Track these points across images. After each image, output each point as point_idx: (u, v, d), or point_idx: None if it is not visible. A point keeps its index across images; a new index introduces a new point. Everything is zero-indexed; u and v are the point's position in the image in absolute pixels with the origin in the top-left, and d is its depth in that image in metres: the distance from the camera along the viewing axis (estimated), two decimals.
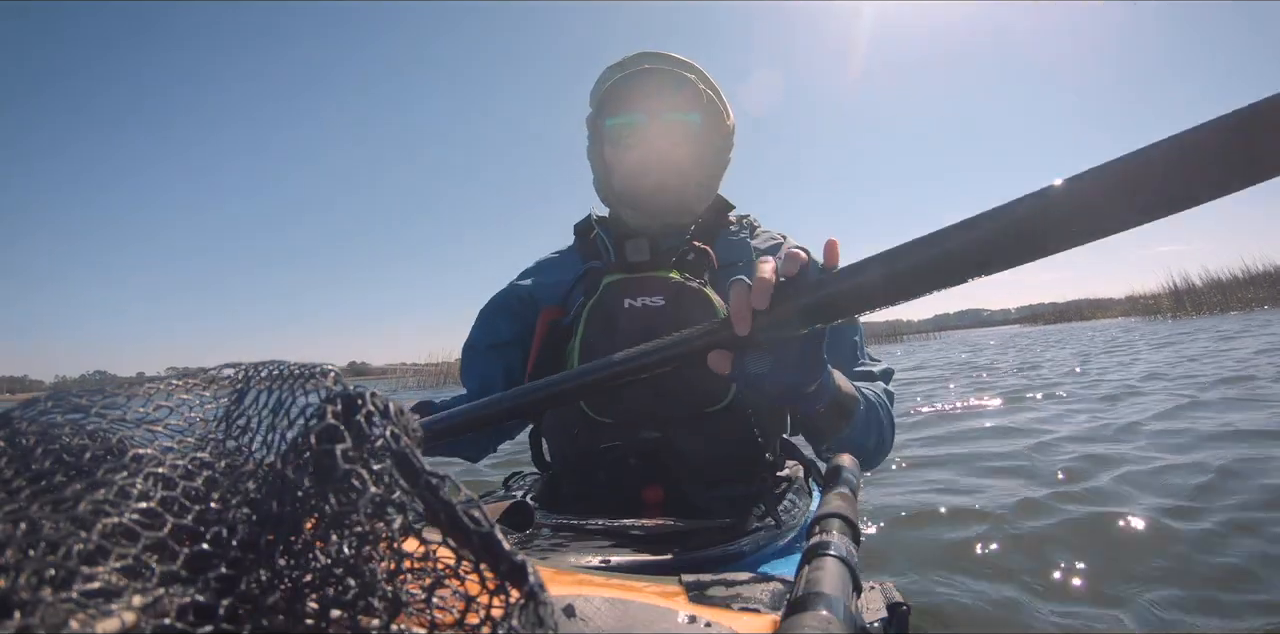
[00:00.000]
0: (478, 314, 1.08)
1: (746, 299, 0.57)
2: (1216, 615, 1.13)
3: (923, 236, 0.51)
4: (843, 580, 0.35)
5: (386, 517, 0.22)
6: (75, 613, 0.17)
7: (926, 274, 0.52)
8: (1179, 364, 5.37)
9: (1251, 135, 0.42)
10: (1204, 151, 0.43)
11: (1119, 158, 0.45)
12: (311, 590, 0.21)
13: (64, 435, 0.25)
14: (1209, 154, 0.43)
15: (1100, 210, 0.46)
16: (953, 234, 0.49)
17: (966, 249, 0.49)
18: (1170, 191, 0.44)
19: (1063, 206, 0.46)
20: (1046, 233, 0.47)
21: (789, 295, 0.56)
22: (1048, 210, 0.47)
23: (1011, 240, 0.48)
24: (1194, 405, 3.28)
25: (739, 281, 0.58)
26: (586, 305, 0.89)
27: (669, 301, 0.86)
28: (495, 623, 0.22)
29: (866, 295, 0.54)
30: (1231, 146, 0.42)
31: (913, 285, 0.52)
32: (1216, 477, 1.89)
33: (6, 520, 0.19)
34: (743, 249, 0.97)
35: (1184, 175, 0.44)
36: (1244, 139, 0.42)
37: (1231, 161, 0.43)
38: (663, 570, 0.56)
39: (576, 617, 0.31)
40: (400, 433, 0.24)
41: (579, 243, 1.04)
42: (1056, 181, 0.46)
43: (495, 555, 0.23)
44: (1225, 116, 0.43)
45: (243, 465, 0.26)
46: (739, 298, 0.58)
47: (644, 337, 0.86)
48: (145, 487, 0.22)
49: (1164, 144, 0.44)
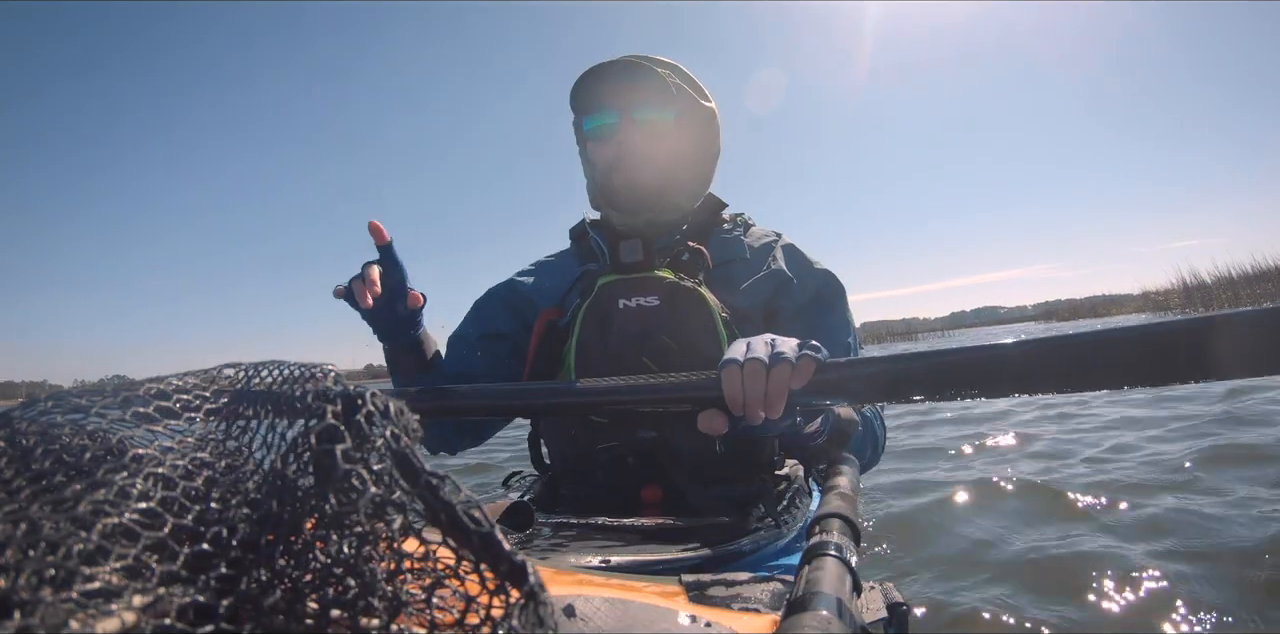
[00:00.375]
0: (472, 306, 1.08)
1: (758, 403, 0.59)
2: (1218, 615, 1.13)
3: (921, 352, 0.60)
4: (843, 580, 0.35)
5: (386, 517, 0.22)
6: (75, 613, 0.17)
7: (910, 385, 0.60)
8: None
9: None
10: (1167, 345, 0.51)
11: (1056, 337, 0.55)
12: (311, 590, 0.21)
13: (64, 435, 0.25)
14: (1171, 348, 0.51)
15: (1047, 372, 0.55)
16: (946, 356, 0.58)
17: (956, 370, 0.57)
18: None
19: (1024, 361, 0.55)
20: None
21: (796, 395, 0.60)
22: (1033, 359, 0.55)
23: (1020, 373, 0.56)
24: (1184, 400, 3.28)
25: (754, 381, 0.59)
26: (582, 307, 0.90)
27: (664, 301, 0.86)
28: (495, 623, 0.22)
29: (860, 392, 0.61)
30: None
31: (901, 391, 0.60)
32: (1217, 477, 1.89)
33: (6, 520, 0.19)
34: (737, 247, 0.98)
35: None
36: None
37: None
38: (663, 570, 0.56)
39: (576, 617, 0.31)
40: (400, 433, 0.24)
41: (575, 246, 1.05)
42: (1008, 341, 0.56)
43: (495, 555, 0.23)
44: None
45: (243, 465, 0.26)
46: (755, 397, 0.59)
47: (639, 337, 0.87)
48: (145, 487, 0.22)
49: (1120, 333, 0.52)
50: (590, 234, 1.00)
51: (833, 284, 0.98)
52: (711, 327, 0.85)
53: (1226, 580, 1.25)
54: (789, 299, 0.94)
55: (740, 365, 0.60)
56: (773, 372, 0.59)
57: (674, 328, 0.85)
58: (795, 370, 0.58)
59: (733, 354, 0.62)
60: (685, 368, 0.84)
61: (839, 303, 0.97)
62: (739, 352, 0.62)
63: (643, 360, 0.85)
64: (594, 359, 0.88)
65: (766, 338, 0.64)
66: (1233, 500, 1.69)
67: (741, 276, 0.94)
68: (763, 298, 0.93)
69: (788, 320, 0.93)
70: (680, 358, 0.85)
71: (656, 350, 0.85)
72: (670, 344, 0.85)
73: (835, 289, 0.97)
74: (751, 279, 0.94)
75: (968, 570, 1.42)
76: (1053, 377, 0.55)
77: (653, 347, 0.85)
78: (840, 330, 0.95)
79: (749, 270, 0.95)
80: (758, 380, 0.59)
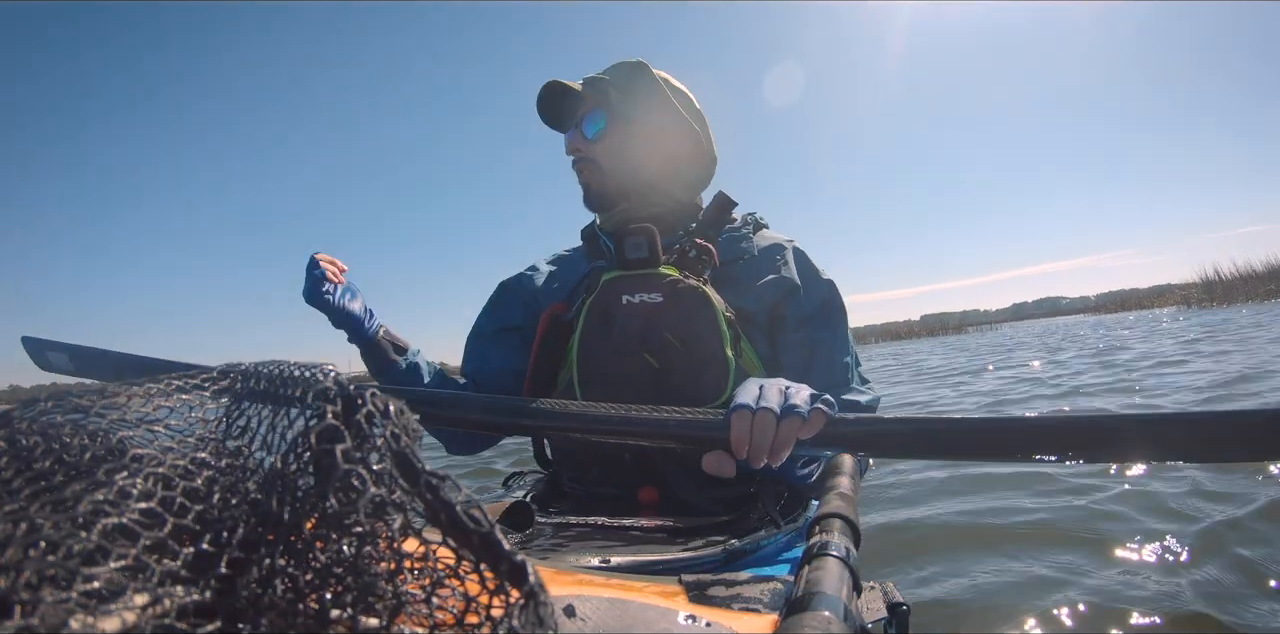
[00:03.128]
0: (487, 301, 1.11)
1: (764, 452, 0.60)
2: (1220, 615, 1.13)
3: (937, 418, 0.63)
4: (843, 580, 0.35)
5: (386, 517, 0.22)
6: (75, 613, 0.17)
7: (914, 446, 0.64)
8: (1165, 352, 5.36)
9: None
10: None
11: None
12: (311, 590, 0.21)
13: (64, 435, 0.25)
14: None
15: None
16: (959, 424, 0.61)
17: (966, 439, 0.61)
18: None
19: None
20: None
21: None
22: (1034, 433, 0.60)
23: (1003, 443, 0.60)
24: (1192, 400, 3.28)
25: (761, 432, 0.61)
26: (586, 301, 0.91)
27: (667, 298, 0.87)
28: (495, 623, 0.22)
29: (865, 447, 0.63)
30: None
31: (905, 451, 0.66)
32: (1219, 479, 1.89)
33: (6, 520, 0.19)
34: (745, 246, 0.98)
35: None
36: None
37: None
38: (663, 570, 0.56)
39: (576, 617, 0.31)
40: (400, 433, 0.24)
41: (586, 246, 1.06)
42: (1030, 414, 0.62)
43: (495, 555, 0.23)
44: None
45: (243, 465, 0.26)
46: (761, 445, 0.61)
47: (641, 333, 0.87)
48: (146, 487, 0.22)
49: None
50: (599, 234, 1.02)
51: (837, 299, 0.99)
52: (714, 325, 0.85)
53: (1240, 580, 1.25)
54: (795, 306, 0.95)
55: (752, 412, 0.60)
56: (783, 423, 0.60)
57: (677, 325, 0.86)
58: (806, 424, 0.59)
59: (745, 399, 0.62)
60: (687, 365, 0.85)
61: (842, 320, 0.98)
62: (751, 396, 0.62)
63: (644, 356, 0.86)
64: (596, 354, 0.88)
65: (780, 384, 0.64)
66: (1239, 498, 1.69)
67: (748, 277, 0.94)
68: (769, 301, 0.93)
69: (792, 329, 0.94)
70: (682, 355, 0.85)
71: (658, 346, 0.86)
72: (672, 341, 0.85)
73: (839, 305, 0.99)
74: (758, 280, 0.94)
75: (969, 571, 1.42)
76: (1034, 448, 0.60)
77: (655, 343, 0.86)
78: (842, 350, 0.96)
79: (756, 271, 0.95)
80: (767, 429, 0.60)
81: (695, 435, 0.64)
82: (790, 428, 0.59)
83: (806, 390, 0.64)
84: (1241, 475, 1.89)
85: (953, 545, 1.58)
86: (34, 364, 1.14)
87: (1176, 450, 0.56)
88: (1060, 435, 0.58)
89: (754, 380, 0.66)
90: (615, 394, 0.88)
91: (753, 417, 0.60)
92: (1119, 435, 0.57)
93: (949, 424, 0.61)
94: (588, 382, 0.88)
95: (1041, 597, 1.26)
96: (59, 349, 1.10)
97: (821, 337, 0.94)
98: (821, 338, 0.94)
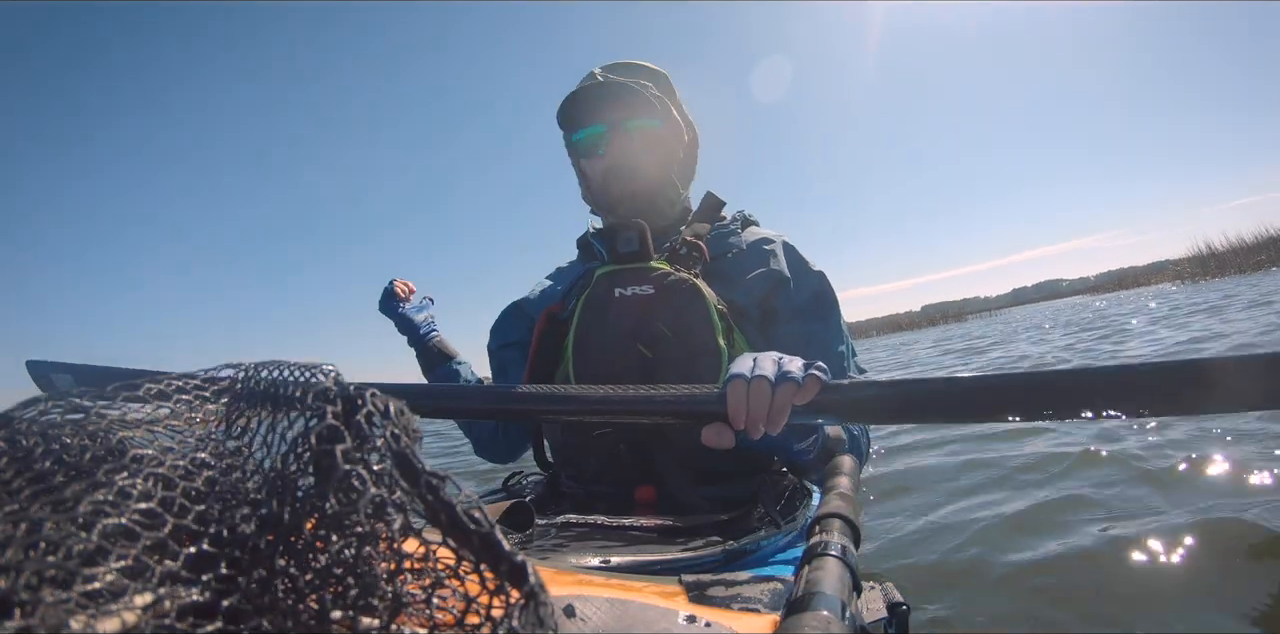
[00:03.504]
0: (491, 327, 1.17)
1: (761, 418, 0.61)
2: (1222, 615, 1.13)
3: (937, 378, 0.63)
4: (843, 580, 0.35)
5: (387, 517, 0.22)
6: (75, 613, 0.17)
7: (904, 409, 0.63)
8: None
9: None
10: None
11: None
12: (311, 590, 0.21)
13: (64, 436, 0.25)
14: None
15: None
16: (960, 382, 0.61)
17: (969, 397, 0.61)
18: None
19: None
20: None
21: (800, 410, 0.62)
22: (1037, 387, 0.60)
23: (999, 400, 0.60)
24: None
25: (759, 392, 0.61)
26: (581, 298, 0.93)
27: (659, 291, 0.89)
28: (495, 623, 0.22)
29: (858, 413, 0.64)
30: None
31: (910, 414, 0.65)
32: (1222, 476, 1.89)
33: (7, 520, 0.19)
34: (733, 241, 1.00)
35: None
36: None
37: None
38: (663, 570, 0.56)
39: (576, 617, 0.31)
40: (400, 433, 0.24)
41: (582, 254, 1.08)
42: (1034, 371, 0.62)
43: (495, 555, 0.23)
44: None
45: (243, 465, 0.26)
46: (758, 412, 0.61)
47: (635, 325, 0.89)
48: (146, 487, 0.22)
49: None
50: (591, 239, 1.03)
51: (828, 290, 1.00)
52: (706, 316, 0.86)
53: (1236, 580, 1.25)
54: (786, 298, 0.96)
55: (747, 381, 0.61)
56: (778, 389, 0.61)
57: (669, 316, 0.87)
58: (800, 389, 0.60)
59: (739, 369, 0.63)
60: (680, 357, 0.86)
61: (834, 311, 1.00)
62: (745, 367, 0.63)
63: (638, 348, 0.87)
64: (592, 347, 0.90)
65: (773, 355, 0.65)
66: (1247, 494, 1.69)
67: (738, 270, 0.96)
68: (759, 294, 0.95)
69: (784, 322, 0.96)
70: (675, 346, 0.86)
71: (652, 338, 0.87)
72: (665, 332, 0.87)
73: (830, 296, 1.00)
74: (749, 274, 0.96)
75: (969, 571, 1.42)
76: (1022, 407, 0.60)
77: (648, 335, 0.87)
78: (836, 340, 0.97)
79: (746, 265, 0.97)
80: (763, 397, 0.60)
81: (693, 410, 0.64)
82: (785, 394, 0.60)
83: (800, 360, 0.64)
84: None
85: (953, 545, 1.58)
86: (38, 388, 1.15)
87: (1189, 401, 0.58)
88: (1058, 391, 0.58)
89: (747, 354, 0.66)
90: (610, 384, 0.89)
91: (748, 385, 0.60)
92: (1124, 387, 0.57)
93: (945, 384, 0.61)
94: (583, 375, 0.89)
95: (1042, 597, 1.26)
96: (64, 370, 1.11)
97: (815, 329, 0.96)
98: (815, 330, 0.96)
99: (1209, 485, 1.85)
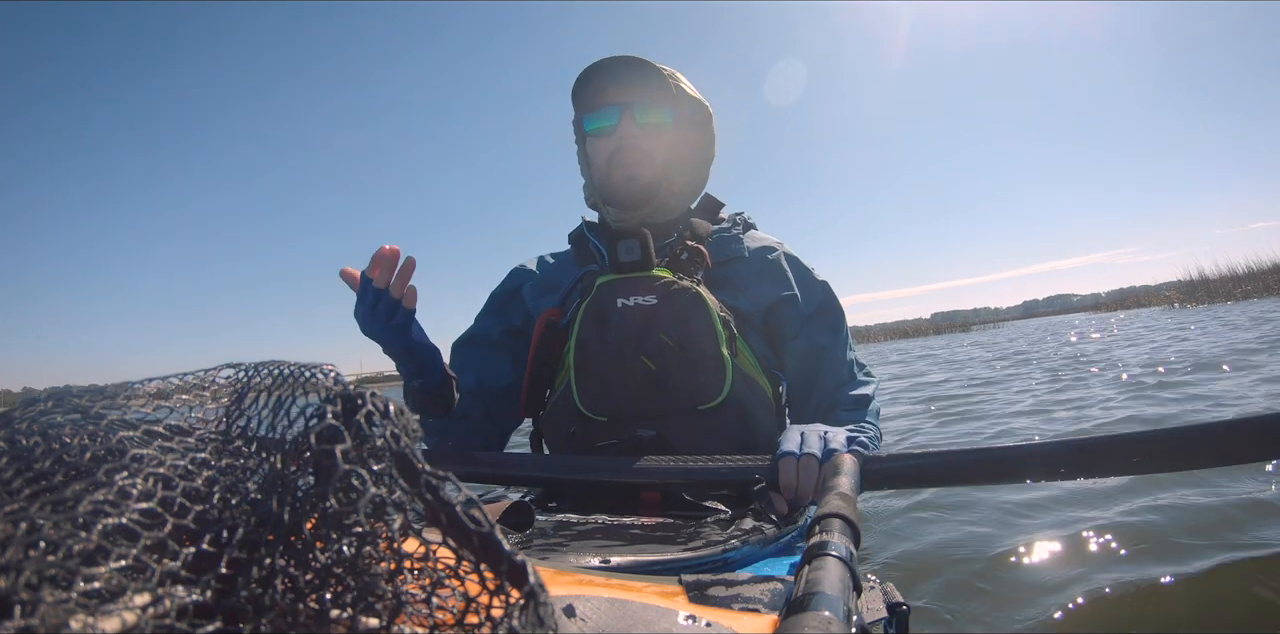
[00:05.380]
0: (485, 304, 1.10)
1: (809, 493, 0.70)
2: (1224, 615, 1.13)
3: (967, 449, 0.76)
4: (843, 580, 0.35)
5: (386, 517, 0.22)
6: (75, 613, 0.17)
7: (938, 477, 0.76)
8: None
9: None
10: None
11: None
12: (311, 590, 0.21)
13: (64, 435, 0.25)
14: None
15: None
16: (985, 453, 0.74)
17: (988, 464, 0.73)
18: None
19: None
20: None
21: None
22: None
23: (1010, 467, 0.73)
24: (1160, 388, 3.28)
25: (807, 470, 0.71)
26: (581, 306, 0.91)
27: (661, 300, 0.88)
28: (495, 623, 0.22)
29: (896, 481, 0.77)
30: None
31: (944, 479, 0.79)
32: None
33: (7, 520, 0.19)
34: (735, 247, 0.99)
35: None
36: None
37: None
38: (662, 570, 0.56)
39: (576, 617, 0.31)
40: (400, 433, 0.24)
41: (574, 250, 1.06)
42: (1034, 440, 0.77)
43: (495, 555, 0.23)
44: None
45: (243, 465, 0.26)
46: (807, 487, 0.71)
47: (637, 336, 0.88)
48: (146, 487, 0.22)
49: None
50: (588, 237, 1.01)
51: (833, 300, 1.01)
52: (709, 325, 0.86)
53: (1238, 580, 1.24)
54: (793, 308, 0.96)
55: (796, 458, 0.70)
56: (825, 465, 0.68)
57: (672, 326, 0.86)
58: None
59: (789, 446, 0.72)
60: (683, 367, 0.85)
61: (841, 321, 1.00)
62: (794, 444, 0.72)
63: (641, 359, 0.86)
64: (593, 358, 0.88)
65: (819, 431, 0.74)
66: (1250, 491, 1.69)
67: (741, 277, 0.95)
68: (763, 303, 0.94)
69: (793, 336, 0.96)
70: (678, 356, 0.85)
71: (654, 349, 0.86)
72: (668, 343, 0.86)
73: (836, 306, 1.01)
74: (752, 281, 0.95)
75: (969, 571, 1.42)
76: (1049, 470, 0.74)
77: (651, 345, 0.86)
78: (844, 349, 0.98)
79: (749, 272, 0.96)
80: (812, 472, 0.69)
81: (745, 481, 0.75)
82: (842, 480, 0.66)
83: (843, 434, 0.73)
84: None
85: (953, 545, 1.58)
86: None
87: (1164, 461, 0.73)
88: (1066, 457, 0.71)
89: (795, 427, 0.75)
90: (613, 397, 0.88)
91: (798, 462, 0.69)
92: (1123, 452, 0.70)
93: (971, 455, 0.73)
94: (585, 385, 0.88)
95: (1043, 597, 1.26)
96: None
97: (825, 341, 0.96)
98: (826, 342, 0.96)
99: (1205, 484, 1.85)
